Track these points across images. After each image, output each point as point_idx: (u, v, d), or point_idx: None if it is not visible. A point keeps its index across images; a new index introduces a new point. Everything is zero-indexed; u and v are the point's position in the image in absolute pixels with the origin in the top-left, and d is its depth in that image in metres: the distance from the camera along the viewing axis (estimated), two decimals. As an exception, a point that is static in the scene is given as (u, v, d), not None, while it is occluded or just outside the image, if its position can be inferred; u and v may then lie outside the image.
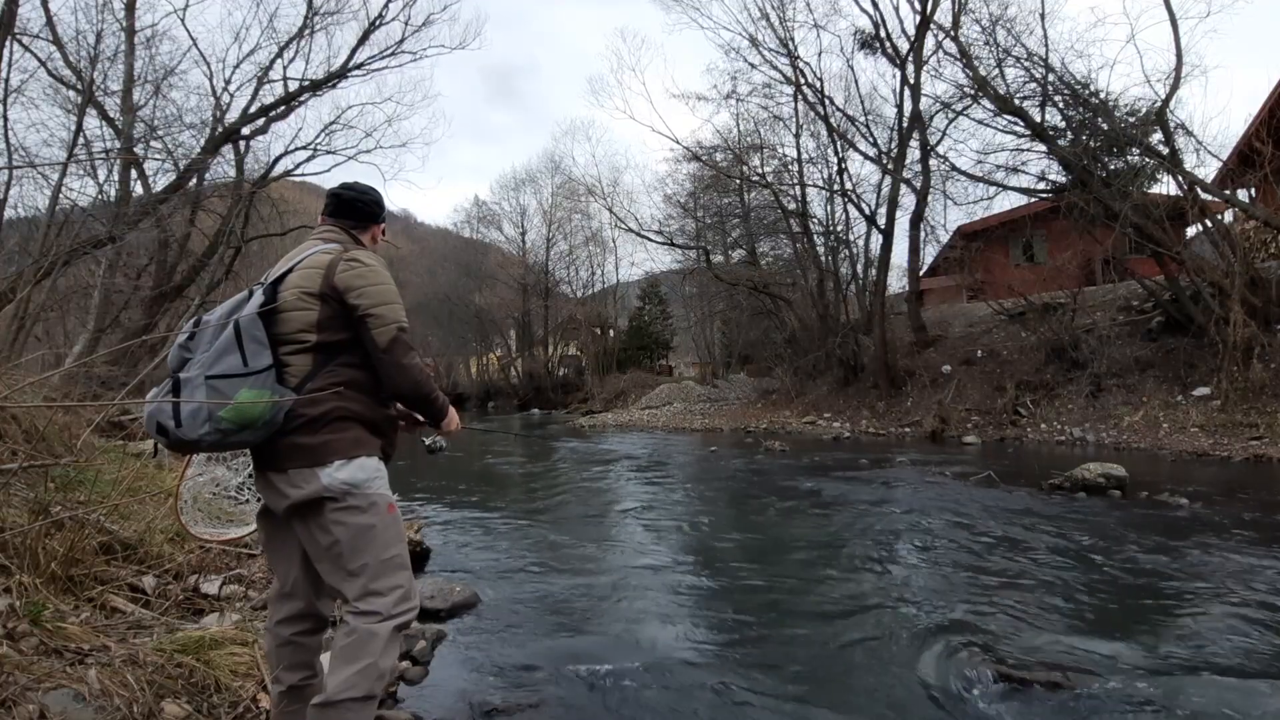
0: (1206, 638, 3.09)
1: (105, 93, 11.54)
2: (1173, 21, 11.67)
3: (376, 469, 1.83)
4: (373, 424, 1.86)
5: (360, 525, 1.76)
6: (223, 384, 1.70)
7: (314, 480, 1.74)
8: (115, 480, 3.80)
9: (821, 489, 7.50)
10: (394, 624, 1.73)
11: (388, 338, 1.82)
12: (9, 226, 10.91)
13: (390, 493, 1.86)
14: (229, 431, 1.69)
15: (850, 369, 18.16)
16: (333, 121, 14.77)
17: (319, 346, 1.82)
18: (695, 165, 23.41)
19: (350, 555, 1.75)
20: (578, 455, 12.51)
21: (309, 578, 1.87)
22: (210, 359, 1.73)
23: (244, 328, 1.75)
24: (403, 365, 1.83)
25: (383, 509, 1.80)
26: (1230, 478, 7.56)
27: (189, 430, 1.68)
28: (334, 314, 1.82)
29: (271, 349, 1.77)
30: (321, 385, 1.79)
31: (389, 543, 1.79)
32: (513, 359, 40.41)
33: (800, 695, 2.63)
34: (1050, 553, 4.59)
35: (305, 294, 1.82)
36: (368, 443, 1.83)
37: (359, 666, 1.66)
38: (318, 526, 1.77)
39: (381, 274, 1.89)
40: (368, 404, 1.85)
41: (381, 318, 1.82)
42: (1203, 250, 13.41)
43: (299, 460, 1.76)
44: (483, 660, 3.00)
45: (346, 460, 1.77)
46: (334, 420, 1.78)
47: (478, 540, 5.40)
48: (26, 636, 2.14)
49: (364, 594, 1.73)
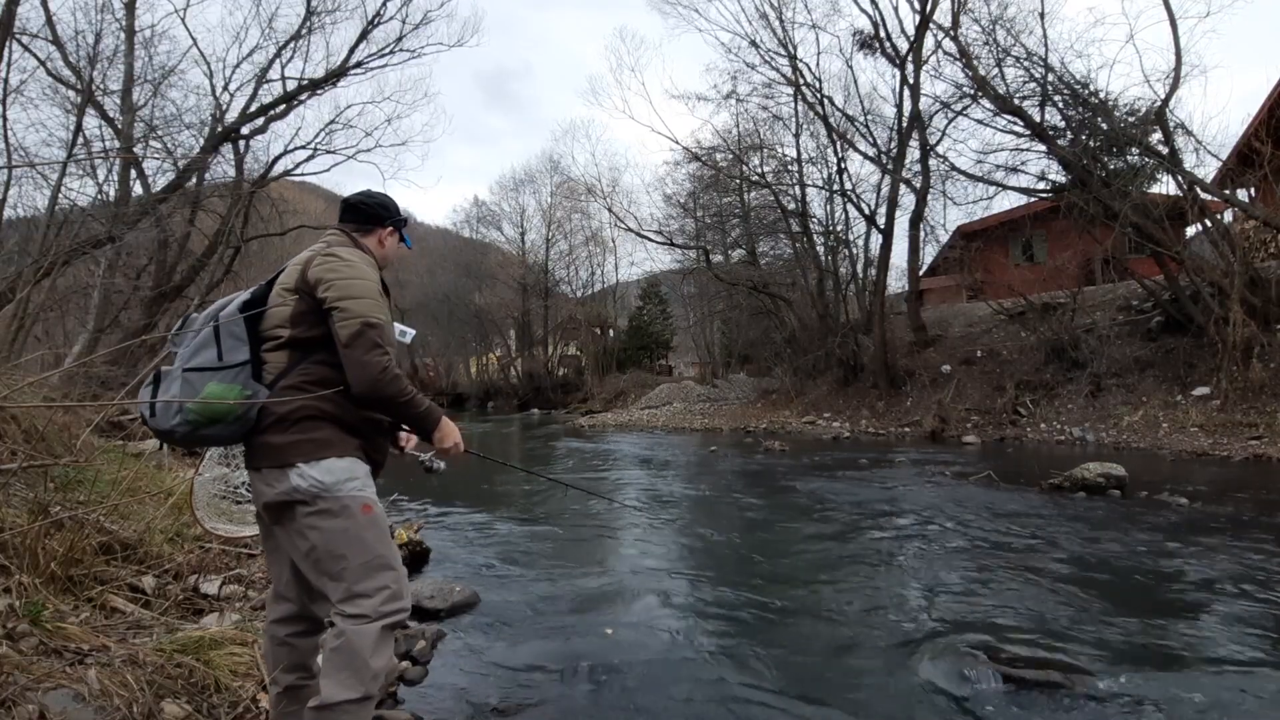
0: (1206, 637, 3.09)
1: (105, 92, 11.55)
2: (1172, 21, 11.68)
3: (348, 470, 1.76)
4: (347, 424, 1.80)
5: (333, 529, 1.72)
6: (195, 377, 1.74)
7: (284, 480, 1.73)
8: (115, 480, 3.80)
9: (821, 489, 7.49)
10: (382, 624, 1.69)
11: (349, 331, 1.74)
12: (9, 226, 10.91)
13: (368, 493, 1.79)
14: (197, 425, 1.72)
15: (850, 369, 18.16)
16: (332, 121, 14.79)
17: (293, 342, 1.81)
18: (695, 165, 23.44)
19: (328, 560, 1.72)
20: (578, 455, 12.50)
21: (299, 580, 1.86)
22: (190, 352, 1.78)
23: (223, 323, 1.79)
24: (362, 361, 1.73)
25: (356, 511, 1.74)
26: (1230, 477, 7.56)
27: (161, 421, 1.73)
28: (308, 309, 1.79)
29: (252, 345, 1.79)
30: (292, 382, 1.78)
31: (368, 545, 1.74)
32: (512, 359, 40.38)
33: (800, 695, 2.63)
34: (1050, 553, 4.59)
35: (283, 289, 1.84)
36: (340, 443, 1.78)
37: (351, 668, 1.65)
38: (294, 531, 1.76)
39: (357, 269, 1.83)
40: (340, 403, 1.77)
41: (346, 310, 1.75)
42: (1202, 250, 13.41)
43: (269, 459, 1.76)
44: (483, 660, 3.00)
45: (314, 461, 1.73)
46: (302, 419, 1.75)
47: (478, 540, 5.40)
48: (26, 636, 2.14)
49: (349, 596, 1.70)
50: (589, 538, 5.49)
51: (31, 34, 10.41)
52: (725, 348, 32.07)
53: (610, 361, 36.05)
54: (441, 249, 44.51)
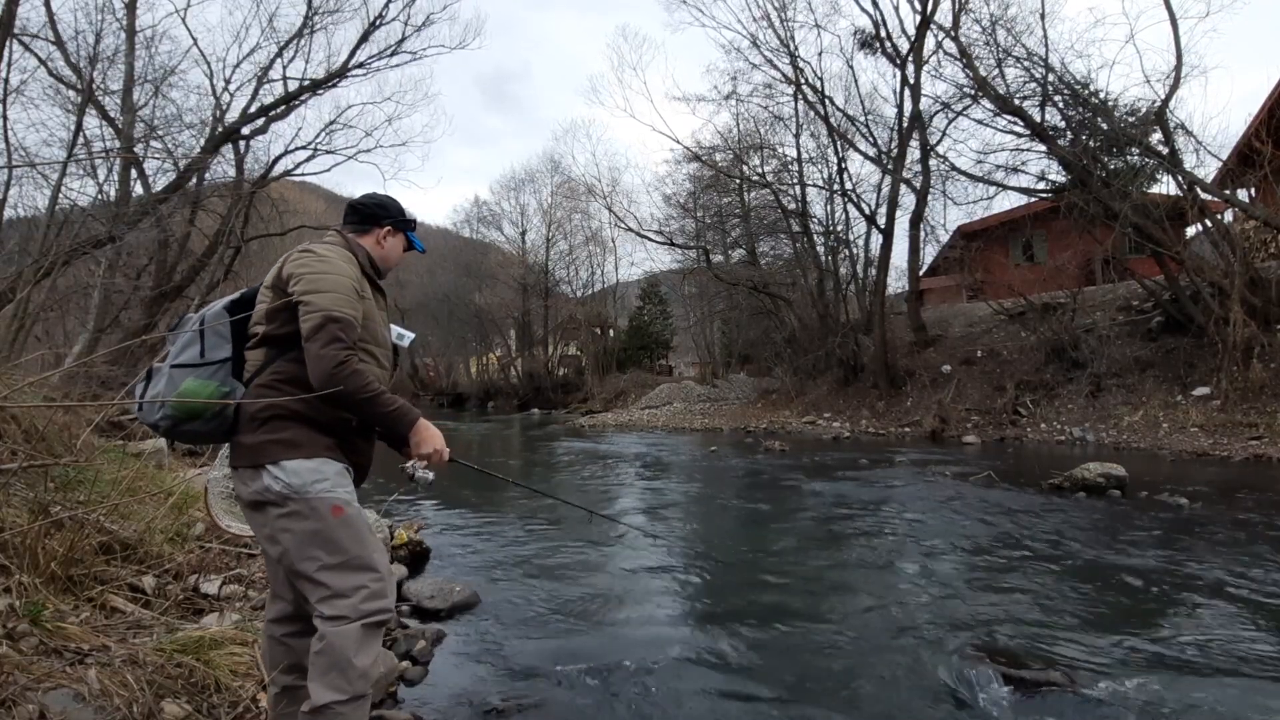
0: (1206, 637, 3.09)
1: (105, 92, 11.54)
2: (1172, 21, 11.68)
3: (315, 471, 1.72)
4: (318, 423, 1.76)
5: (304, 531, 1.70)
6: (177, 373, 1.77)
7: (257, 480, 1.72)
8: (115, 480, 3.79)
9: (821, 489, 7.49)
10: (363, 623, 1.67)
11: (310, 324, 1.70)
12: (9, 226, 10.91)
13: (339, 494, 1.74)
14: (177, 420, 1.74)
15: (850, 369, 18.15)
16: (333, 121, 14.72)
17: (268, 339, 1.81)
18: (695, 165, 23.46)
19: (301, 562, 1.71)
20: (578, 455, 12.50)
21: (291, 580, 1.85)
22: (178, 349, 1.81)
23: (208, 320, 1.82)
24: (319, 354, 1.67)
25: (325, 512, 1.70)
26: (1230, 478, 7.56)
27: (148, 414, 1.77)
28: (281, 305, 1.79)
29: (237, 344, 1.82)
30: (264, 381, 1.78)
31: (342, 545, 1.71)
32: (513, 359, 40.37)
33: (800, 694, 2.63)
34: (1050, 553, 4.59)
35: (265, 287, 1.86)
36: (308, 443, 1.74)
37: (336, 670, 1.64)
38: (268, 535, 1.76)
39: (330, 264, 1.81)
40: (311, 402, 1.72)
41: (310, 304, 1.72)
42: (1203, 250, 13.41)
43: (243, 459, 1.76)
44: (483, 660, 3.00)
45: (281, 462, 1.70)
46: (270, 419, 1.74)
47: (478, 540, 5.40)
48: (26, 636, 2.14)
49: (326, 597, 1.69)
50: (589, 538, 5.49)
51: (32, 34, 10.42)
52: (725, 348, 32.07)
53: (610, 361, 36.03)
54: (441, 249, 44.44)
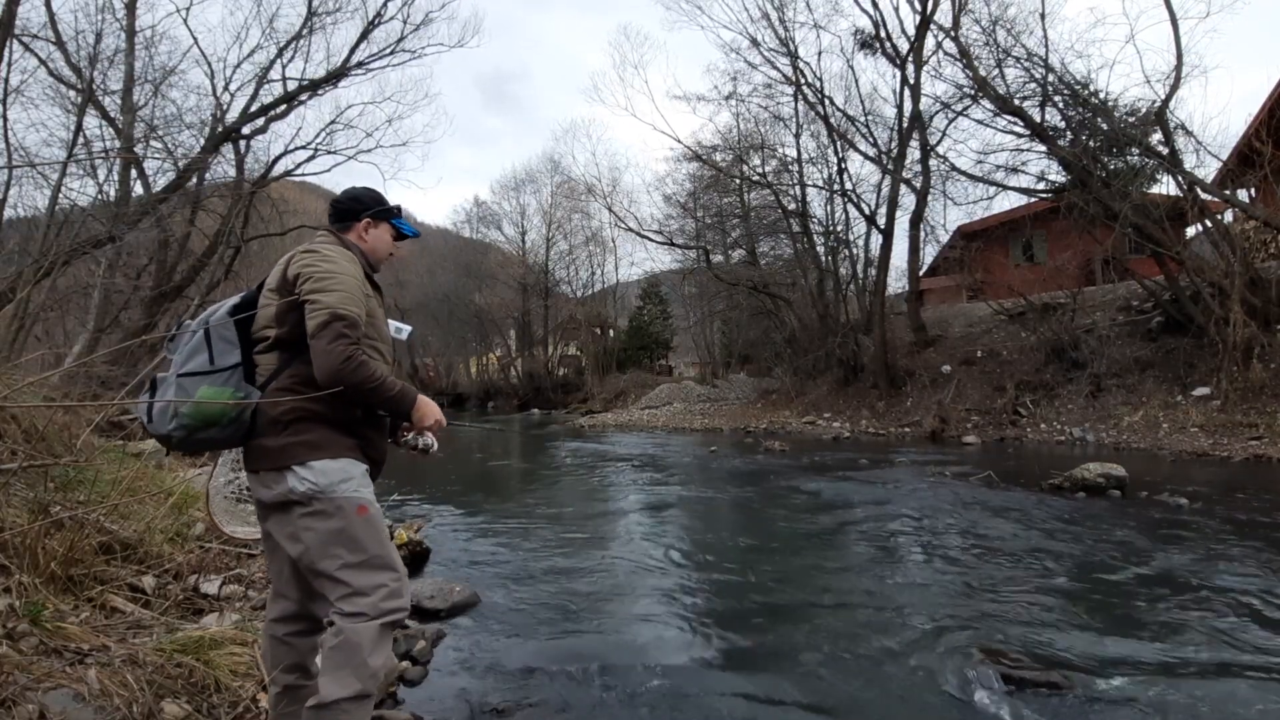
0: (1206, 638, 3.09)
1: (105, 92, 11.53)
2: (1173, 21, 11.67)
3: (343, 471, 1.77)
4: (340, 424, 1.81)
5: (328, 530, 1.73)
6: (188, 382, 1.76)
7: (281, 483, 1.75)
8: (115, 480, 3.79)
9: (821, 489, 7.49)
10: (381, 622, 1.70)
11: (316, 322, 1.73)
12: (9, 226, 10.92)
13: (364, 494, 1.79)
14: (193, 428, 1.73)
15: (850, 369, 18.16)
16: (333, 121, 14.77)
17: (280, 342, 1.82)
18: (695, 165, 23.46)
19: (323, 560, 1.73)
20: (578, 455, 12.50)
21: (298, 580, 1.87)
22: (183, 358, 1.79)
23: (213, 327, 1.81)
24: (325, 350, 1.71)
25: (351, 512, 1.75)
26: (1230, 478, 7.56)
27: (159, 425, 1.75)
28: (290, 307, 1.80)
29: (244, 349, 1.81)
30: (282, 384, 1.79)
31: (364, 544, 1.75)
32: (513, 359, 40.38)
33: (799, 694, 2.63)
34: (1050, 553, 4.59)
35: (268, 290, 1.86)
36: (333, 444, 1.78)
37: (349, 666, 1.65)
38: (290, 534, 1.77)
39: (335, 263, 1.83)
40: (331, 403, 1.76)
41: (316, 303, 1.75)
42: (1203, 250, 13.41)
43: (266, 462, 1.77)
44: (483, 660, 3.00)
45: (308, 463, 1.74)
46: (294, 421, 1.76)
47: (478, 540, 5.40)
48: (26, 636, 2.14)
49: (347, 595, 1.71)
50: (589, 538, 5.49)
51: (32, 34, 10.43)
52: (725, 348, 32.08)
53: (610, 361, 36.04)
54: (441, 249, 44.49)
